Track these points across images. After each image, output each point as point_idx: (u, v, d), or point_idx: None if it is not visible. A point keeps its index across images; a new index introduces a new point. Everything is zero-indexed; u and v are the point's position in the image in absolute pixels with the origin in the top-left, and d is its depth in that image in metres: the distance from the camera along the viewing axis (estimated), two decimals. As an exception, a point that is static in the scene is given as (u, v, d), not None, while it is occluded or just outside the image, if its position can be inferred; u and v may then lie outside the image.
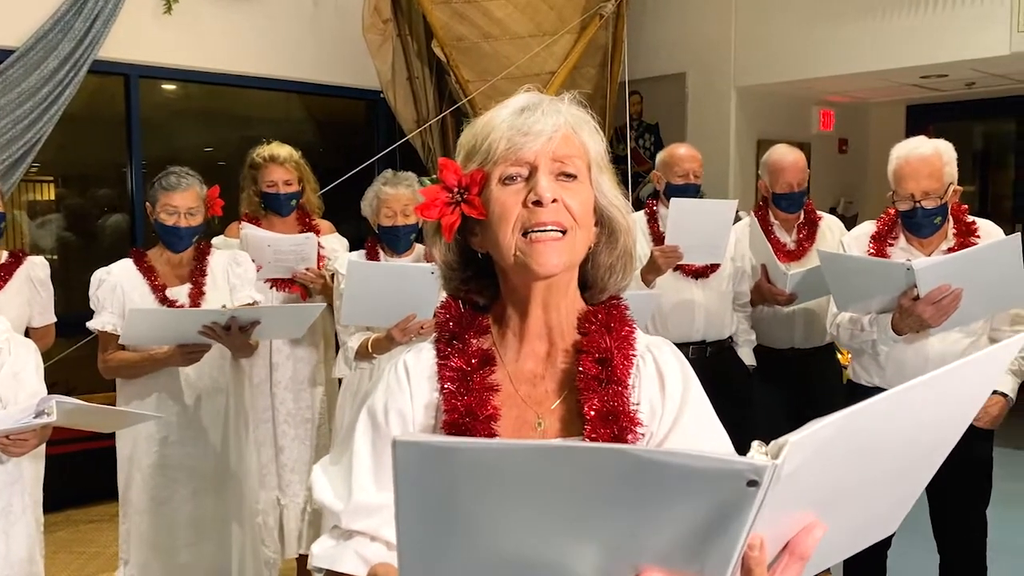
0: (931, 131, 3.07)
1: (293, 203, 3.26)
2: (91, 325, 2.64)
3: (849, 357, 2.85)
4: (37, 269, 3.08)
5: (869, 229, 2.68)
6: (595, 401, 1.00)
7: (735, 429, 1.04)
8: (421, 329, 2.70)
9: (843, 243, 2.76)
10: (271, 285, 3.20)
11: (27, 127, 4.14)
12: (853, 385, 2.74)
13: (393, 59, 5.36)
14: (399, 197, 2.92)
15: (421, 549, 0.64)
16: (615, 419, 0.99)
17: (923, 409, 0.69)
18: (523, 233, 0.99)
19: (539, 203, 0.98)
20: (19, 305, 3.00)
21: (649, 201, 3.31)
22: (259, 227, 3.20)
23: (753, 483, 0.59)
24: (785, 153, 3.24)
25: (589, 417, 1.00)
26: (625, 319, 1.08)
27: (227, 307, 2.65)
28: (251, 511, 2.89)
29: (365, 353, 2.81)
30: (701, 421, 1.02)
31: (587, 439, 0.99)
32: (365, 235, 3.13)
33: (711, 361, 3.11)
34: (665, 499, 0.60)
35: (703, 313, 3.18)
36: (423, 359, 1.08)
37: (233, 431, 2.79)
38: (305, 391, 3.27)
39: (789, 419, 2.94)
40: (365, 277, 2.69)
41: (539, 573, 0.64)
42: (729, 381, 3.07)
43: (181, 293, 2.71)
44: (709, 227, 2.98)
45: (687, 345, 3.08)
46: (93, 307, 2.65)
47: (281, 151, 3.24)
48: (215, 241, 3.17)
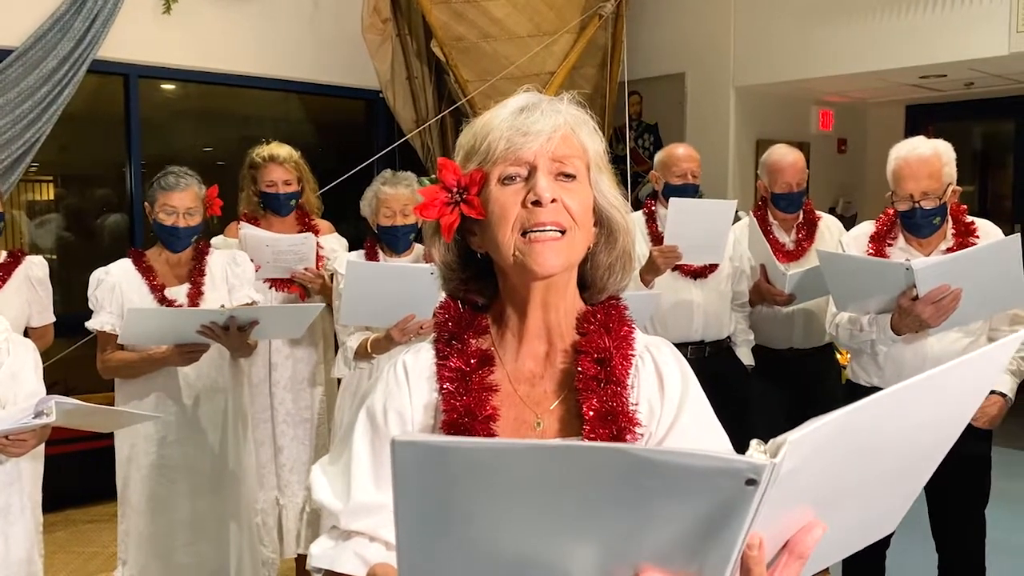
0: (930, 131, 3.08)
1: (292, 203, 3.26)
2: (90, 325, 2.64)
3: (848, 357, 2.84)
4: (36, 269, 3.08)
5: (868, 229, 2.68)
6: (594, 401, 1.00)
7: (734, 429, 1.04)
8: (420, 329, 2.69)
9: (842, 243, 2.76)
10: (270, 285, 3.19)
11: (26, 127, 4.13)
12: (852, 385, 2.73)
13: (392, 59, 5.36)
14: (398, 197, 2.92)
15: (420, 549, 0.64)
16: (614, 419, 0.99)
17: (922, 408, 0.69)
18: (522, 233, 0.99)
19: (538, 203, 0.98)
20: (18, 305, 3.00)
21: (648, 201, 3.30)
22: (258, 227, 3.19)
23: (752, 482, 0.59)
24: (784, 153, 3.24)
25: (588, 417, 1.00)
26: (624, 319, 1.08)
27: (226, 307, 2.65)
28: (250, 511, 2.89)
29: (364, 353, 2.81)
30: (700, 421, 1.02)
31: (586, 439, 0.98)
32: (364, 235, 3.12)
33: (710, 361, 3.11)
34: (664, 498, 0.60)
35: (702, 313, 3.18)
36: (422, 359, 1.08)
37: (232, 431, 2.79)
38: (304, 391, 3.27)
39: (788, 419, 2.93)
40: (364, 277, 2.69)
41: (538, 572, 0.64)
42: (728, 381, 3.07)
43: (180, 293, 2.71)
44: (708, 227, 2.98)
45: (686, 345, 3.08)
46: (92, 307, 2.65)
47: (280, 151, 3.24)
48: (214, 241, 3.16)
